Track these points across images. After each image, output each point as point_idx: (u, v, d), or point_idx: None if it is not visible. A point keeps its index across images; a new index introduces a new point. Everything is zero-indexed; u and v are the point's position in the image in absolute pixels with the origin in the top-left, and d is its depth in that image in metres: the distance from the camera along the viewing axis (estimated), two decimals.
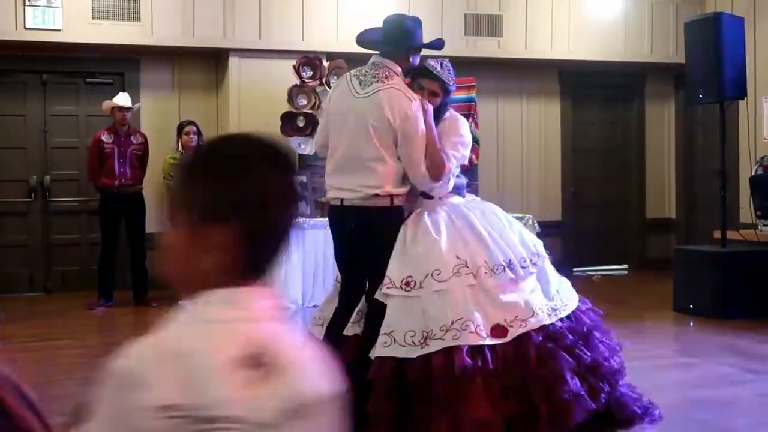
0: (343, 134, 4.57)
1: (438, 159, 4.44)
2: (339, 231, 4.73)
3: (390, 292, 4.30)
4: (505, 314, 4.22)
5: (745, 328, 7.55)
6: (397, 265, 4.36)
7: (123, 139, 9.10)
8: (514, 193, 11.43)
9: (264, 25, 10.06)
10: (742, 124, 10.30)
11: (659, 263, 11.44)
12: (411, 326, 4.19)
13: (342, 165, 4.59)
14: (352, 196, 4.55)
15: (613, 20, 11.22)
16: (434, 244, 4.35)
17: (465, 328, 4.10)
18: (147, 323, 6.74)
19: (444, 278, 4.23)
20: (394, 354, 4.16)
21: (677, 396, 5.57)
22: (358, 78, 4.58)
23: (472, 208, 4.58)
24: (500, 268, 4.33)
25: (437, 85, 4.60)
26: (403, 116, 4.39)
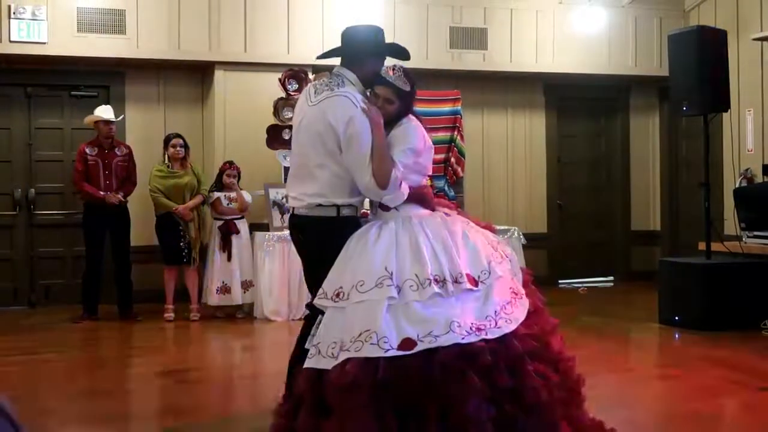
0: (296, 143, 4.61)
1: (384, 166, 4.33)
2: (293, 241, 4.80)
3: (321, 303, 4.25)
4: (418, 329, 4.04)
5: (730, 339, 7.57)
6: (332, 276, 4.30)
7: (107, 152, 9.08)
8: (499, 205, 11.46)
9: (249, 38, 10.08)
10: (726, 136, 10.36)
11: (644, 275, 11.49)
12: (334, 338, 4.11)
13: (294, 174, 4.64)
14: (298, 205, 4.56)
15: (597, 33, 11.28)
16: (367, 255, 4.26)
17: (368, 339, 3.99)
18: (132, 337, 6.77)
19: (365, 289, 4.14)
20: (315, 365, 4.09)
21: (662, 408, 5.58)
22: (315, 87, 4.60)
23: (427, 222, 4.43)
24: (427, 282, 4.16)
25: (390, 91, 4.49)
26: (346, 121, 4.34)
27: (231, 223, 9.25)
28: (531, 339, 4.23)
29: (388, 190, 4.35)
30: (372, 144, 4.35)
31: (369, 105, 4.45)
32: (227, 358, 7.79)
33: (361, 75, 4.55)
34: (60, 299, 9.90)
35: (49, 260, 10.09)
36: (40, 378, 6.44)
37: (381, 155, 4.36)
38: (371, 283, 4.16)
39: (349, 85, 4.51)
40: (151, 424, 5.35)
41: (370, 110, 4.40)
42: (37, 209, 10.03)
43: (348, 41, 4.64)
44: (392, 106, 4.51)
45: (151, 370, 6.81)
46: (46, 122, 10.09)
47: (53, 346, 7.75)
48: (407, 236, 4.34)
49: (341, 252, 4.37)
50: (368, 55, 4.59)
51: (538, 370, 4.16)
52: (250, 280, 9.26)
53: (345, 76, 4.54)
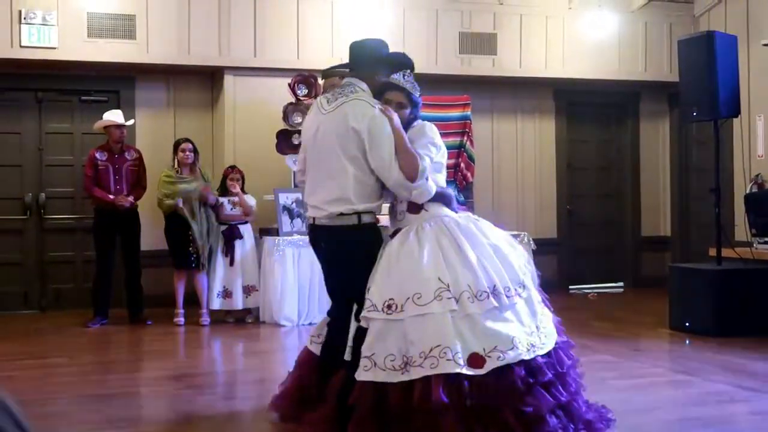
0: (313, 153, 4.65)
1: (410, 158, 4.40)
2: (314, 249, 4.85)
3: (371, 316, 4.24)
4: (484, 343, 4.10)
5: (740, 345, 7.54)
6: (379, 288, 4.29)
7: (117, 157, 9.10)
8: (509, 210, 11.44)
9: (259, 43, 10.09)
10: (737, 142, 10.33)
11: (654, 281, 11.46)
12: (391, 350, 4.13)
13: (312, 182, 4.67)
14: (319, 215, 4.60)
15: (607, 39, 11.27)
16: (417, 265, 4.26)
17: (443, 355, 4.02)
18: (142, 341, 6.80)
19: (425, 302, 4.14)
20: (373, 378, 4.12)
21: (672, 414, 5.55)
22: (327, 98, 4.70)
23: (461, 227, 4.47)
24: (484, 295, 4.21)
25: (402, 95, 4.61)
26: (368, 121, 4.43)
27: (234, 227, 9.25)
28: (570, 348, 4.41)
29: (417, 182, 4.41)
30: (395, 140, 4.40)
31: (385, 106, 4.52)
32: (236, 363, 7.79)
33: (371, 85, 4.66)
34: (70, 303, 9.92)
35: (60, 264, 10.11)
36: (50, 382, 6.45)
37: (405, 149, 4.43)
38: (429, 295, 4.16)
39: (361, 92, 4.58)
40: (161, 428, 5.35)
41: (386, 109, 4.47)
42: (48, 214, 10.06)
43: (356, 54, 4.76)
44: (404, 111, 4.59)
45: (160, 375, 6.81)
46: (57, 127, 10.12)
47: (63, 350, 7.76)
48: (448, 242, 4.36)
49: (381, 261, 4.41)
50: (376, 66, 4.71)
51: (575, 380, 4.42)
52: (253, 285, 9.26)
53: (357, 85, 4.65)
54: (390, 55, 4.87)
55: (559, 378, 4.30)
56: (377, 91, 4.66)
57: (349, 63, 4.83)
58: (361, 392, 4.16)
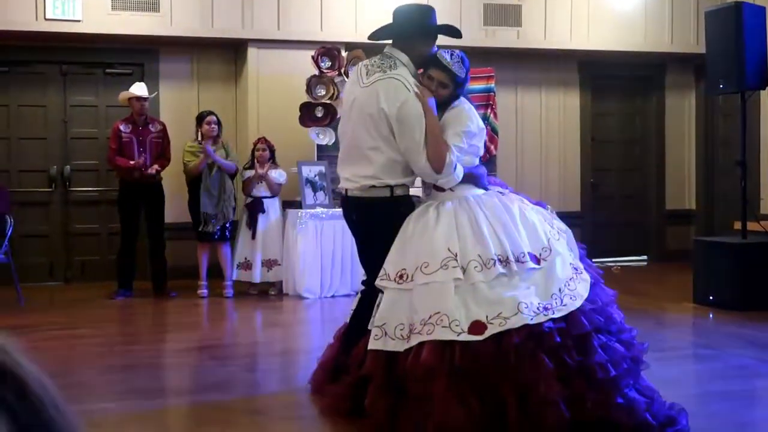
0: (348, 123, 4.62)
1: (438, 150, 4.36)
2: (347, 221, 4.84)
3: (384, 284, 4.28)
4: (487, 310, 4.08)
5: (764, 319, 7.50)
6: (394, 258, 4.34)
7: (141, 129, 9.12)
8: (532, 183, 11.38)
9: (283, 15, 10.06)
10: (764, 114, 10.22)
11: (679, 254, 11.39)
12: (401, 319, 4.16)
13: (346, 154, 4.66)
14: (352, 186, 4.60)
15: (633, 10, 11.15)
16: (429, 236, 4.29)
17: (440, 322, 4.02)
18: (166, 313, 6.86)
19: (431, 271, 4.17)
20: (383, 347, 4.15)
21: (696, 388, 5.55)
22: (367, 67, 4.59)
23: (484, 201, 4.45)
24: (491, 263, 4.20)
25: (446, 75, 4.49)
26: (399, 105, 4.36)
27: (258, 201, 9.25)
28: (596, 314, 4.27)
29: (444, 173, 4.39)
30: (425, 128, 4.35)
31: (422, 89, 4.44)
32: (259, 335, 7.84)
33: (413, 56, 4.55)
34: (95, 275, 10.00)
35: (85, 237, 10.19)
36: (75, 353, 6.52)
37: (435, 139, 4.39)
38: (436, 264, 4.18)
39: (401, 67, 4.49)
40: (185, 399, 5.41)
41: (422, 93, 4.40)
42: (73, 186, 10.12)
43: (399, 21, 4.62)
44: (446, 90, 4.52)
45: (184, 346, 6.87)
46: (81, 100, 10.16)
47: (88, 321, 7.83)
48: (466, 216, 4.37)
49: (399, 232, 4.42)
50: (420, 36, 4.58)
51: (604, 345, 4.22)
52: (275, 259, 9.27)
53: (397, 58, 4.52)
54: (437, 26, 4.71)
55: (578, 342, 4.12)
56: (421, 64, 4.56)
57: (392, 30, 4.66)
58: (374, 362, 4.19)
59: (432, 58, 4.56)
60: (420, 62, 4.55)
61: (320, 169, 9.47)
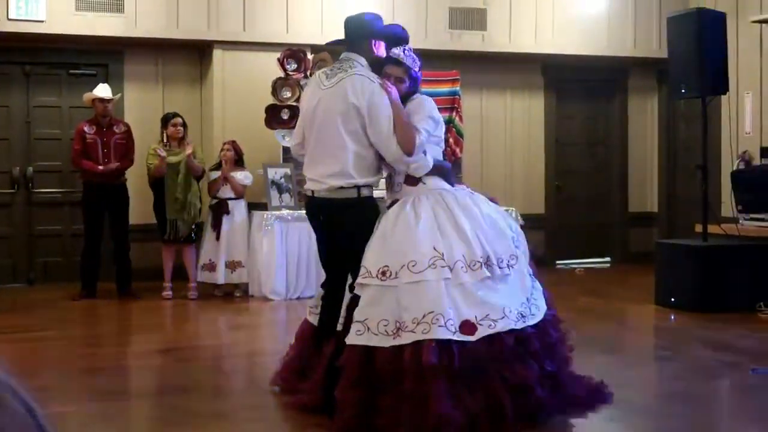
0: (312, 128, 4.68)
1: (407, 132, 4.47)
2: (312, 223, 4.90)
3: (365, 282, 4.32)
4: (476, 311, 4.21)
5: (725, 321, 7.60)
6: (374, 255, 4.38)
7: (105, 130, 9.07)
8: (497, 186, 11.44)
9: (248, 17, 10.05)
10: (725, 118, 10.36)
11: (641, 257, 11.51)
12: (384, 315, 4.21)
13: (311, 156, 4.72)
14: (318, 188, 4.66)
15: (596, 14, 11.26)
16: (412, 234, 4.34)
17: (435, 321, 4.10)
18: (131, 315, 6.80)
19: (419, 269, 4.23)
20: (366, 342, 4.20)
21: (656, 389, 5.62)
22: (326, 73, 4.74)
23: (458, 199, 4.56)
24: (477, 265, 4.31)
25: (401, 70, 4.67)
26: (368, 96, 4.51)
27: (223, 202, 9.23)
28: (558, 321, 4.55)
29: (415, 156, 4.49)
30: (393, 114, 4.47)
31: (384, 81, 4.57)
32: (224, 337, 7.82)
33: (368, 59, 4.72)
34: (58, 277, 9.92)
35: (48, 238, 10.11)
36: (38, 355, 6.47)
37: (403, 123, 4.50)
38: (424, 263, 4.25)
39: (360, 67, 4.64)
40: (149, 401, 5.39)
41: (385, 84, 4.52)
42: (36, 187, 10.04)
43: (352, 29, 4.80)
44: (403, 85, 4.67)
45: (148, 348, 6.85)
46: (45, 100, 10.08)
47: (52, 323, 7.77)
48: (444, 214, 4.45)
49: (377, 231, 4.48)
50: (372, 40, 4.75)
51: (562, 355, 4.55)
52: (238, 260, 9.24)
53: (355, 60, 4.71)
54: (386, 29, 4.93)
55: (547, 349, 4.40)
56: (376, 65, 4.70)
57: (346, 37, 4.85)
58: (350, 356, 4.23)
59: (387, 57, 4.77)
60: (376, 65, 4.70)
61: (286, 171, 9.47)
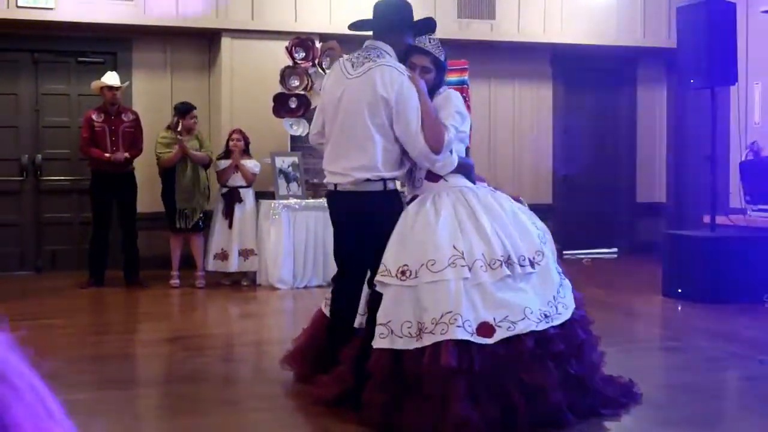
0: (336, 118, 4.54)
1: (436, 129, 4.37)
2: (334, 217, 4.74)
3: (385, 281, 4.22)
4: (495, 312, 4.09)
5: (732, 312, 7.59)
6: (394, 253, 4.28)
7: (113, 118, 9.08)
8: (505, 175, 11.44)
9: (257, 5, 10.04)
10: (733, 109, 10.34)
11: (649, 247, 11.49)
12: (407, 317, 4.12)
13: (335, 149, 4.56)
14: (343, 181, 4.51)
15: (605, 4, 11.22)
16: (432, 232, 4.24)
17: (453, 321, 3.99)
18: (138, 303, 6.80)
19: (438, 269, 4.13)
20: (391, 346, 4.10)
21: (663, 380, 5.62)
22: (351, 61, 4.58)
23: (479, 197, 4.46)
24: (497, 263, 4.20)
25: (428, 59, 4.57)
26: (397, 89, 4.36)
27: (235, 191, 9.25)
28: (588, 323, 4.44)
29: (442, 154, 4.40)
30: (421, 109, 4.39)
31: (413, 74, 4.48)
32: (231, 325, 7.84)
33: (396, 48, 4.57)
34: (66, 265, 9.96)
35: (56, 226, 10.14)
36: (46, 343, 6.49)
37: (431, 119, 4.41)
38: (443, 262, 4.15)
39: (388, 56, 4.51)
40: (157, 389, 5.41)
41: (415, 78, 4.44)
42: (44, 175, 10.06)
43: (382, 15, 4.65)
44: (429, 75, 4.57)
45: (156, 337, 6.87)
46: (53, 88, 10.10)
47: (59, 311, 7.80)
48: (464, 212, 4.35)
49: (397, 227, 4.38)
50: (402, 29, 4.62)
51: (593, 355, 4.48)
52: (251, 248, 9.27)
53: (383, 49, 4.54)
54: (412, 19, 4.77)
55: (574, 351, 4.28)
56: (402, 54, 4.59)
57: (374, 23, 4.68)
58: (378, 359, 4.14)
59: (413, 46, 4.64)
60: (401, 55, 4.58)
61: (293, 160, 9.47)
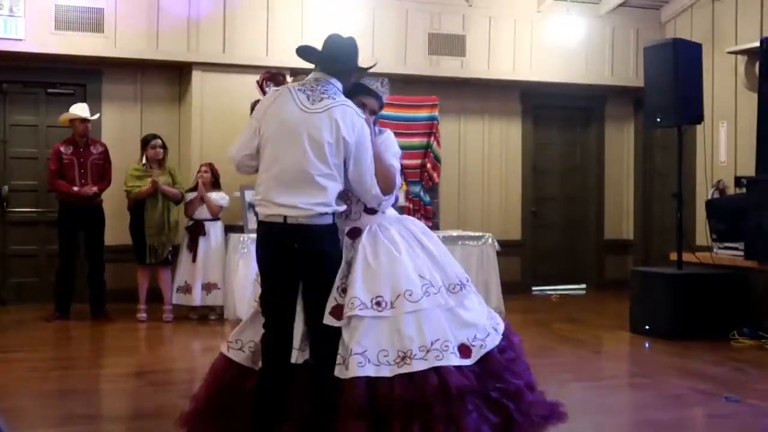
0: (289, 148, 4.33)
1: (389, 174, 4.44)
2: (277, 250, 4.39)
3: (362, 313, 4.21)
4: (467, 333, 4.30)
5: (699, 349, 7.64)
6: (363, 285, 4.28)
7: (82, 150, 9.04)
8: (474, 211, 11.51)
9: (228, 39, 10.07)
10: (699, 148, 10.46)
11: (617, 284, 11.57)
12: (383, 346, 4.18)
13: (285, 180, 4.33)
14: (296, 214, 4.29)
15: (574, 43, 11.34)
16: (399, 263, 4.33)
17: (445, 348, 4.17)
18: (104, 337, 6.70)
19: (416, 299, 4.25)
20: (368, 373, 4.13)
21: (630, 417, 5.63)
22: (304, 93, 4.41)
23: (416, 225, 4.64)
24: (457, 288, 4.41)
25: (377, 103, 4.63)
26: (358, 133, 4.30)
27: (200, 224, 9.22)
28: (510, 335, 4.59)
29: (391, 195, 4.50)
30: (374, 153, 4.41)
31: (367, 115, 4.50)
32: (198, 360, 7.76)
33: (344, 86, 4.52)
34: (32, 297, 9.84)
35: (22, 258, 10.03)
36: (9, 377, 6.41)
37: (384, 164, 4.45)
38: (419, 292, 4.28)
39: (341, 95, 4.43)
40: (122, 425, 5.35)
41: (369, 121, 4.48)
42: (11, 206, 9.97)
43: (338, 51, 4.51)
44: (373, 117, 4.60)
45: (121, 371, 6.79)
46: (22, 119, 10.03)
47: (24, 344, 7.71)
48: (412, 240, 4.49)
49: (357, 260, 4.38)
50: (353, 69, 4.57)
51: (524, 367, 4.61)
52: (214, 282, 9.22)
53: (336, 86, 4.45)
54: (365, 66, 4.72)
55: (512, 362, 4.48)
56: (346, 93, 4.58)
57: (328, 59, 4.51)
58: (353, 388, 4.12)
59: (361, 86, 4.67)
60: (345, 93, 4.52)
61: None
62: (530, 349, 7.75)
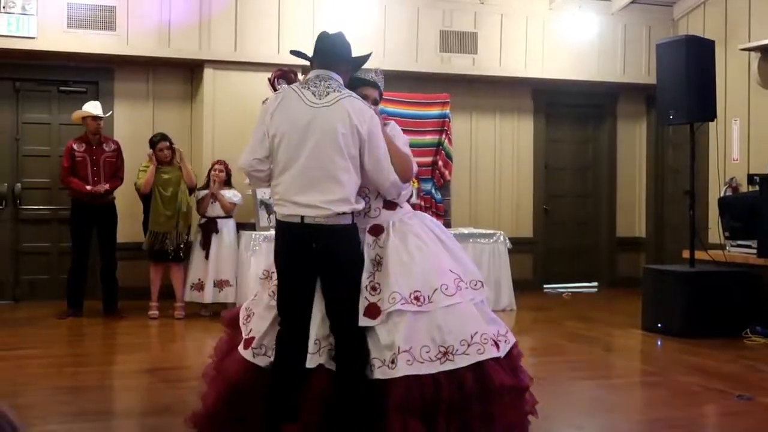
0: (303, 146, 4.30)
1: (404, 161, 4.45)
2: (295, 250, 4.35)
3: (405, 308, 4.20)
4: (494, 328, 4.35)
5: (711, 347, 7.62)
6: (402, 280, 4.26)
7: (95, 148, 9.07)
8: (486, 209, 11.49)
9: (239, 37, 10.09)
10: (712, 145, 10.43)
11: (629, 282, 11.55)
12: (424, 341, 4.17)
13: (302, 179, 4.30)
14: (314, 214, 4.25)
15: (586, 40, 11.32)
16: (431, 256, 4.36)
17: (485, 341, 4.21)
18: (116, 334, 6.71)
19: (451, 292, 4.28)
20: (416, 371, 4.10)
21: (642, 415, 5.62)
22: (309, 89, 4.40)
23: (434, 221, 4.69)
24: (479, 284, 4.45)
25: (377, 93, 4.67)
26: (368, 121, 4.29)
27: (212, 221, 9.25)
28: None
29: (408, 183, 4.51)
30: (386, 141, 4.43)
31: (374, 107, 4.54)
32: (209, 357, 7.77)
33: (343, 80, 4.54)
34: (45, 295, 9.88)
35: (35, 255, 10.08)
36: (22, 374, 6.44)
37: (397, 152, 4.45)
38: (453, 286, 4.31)
39: (345, 88, 4.41)
40: (134, 421, 5.36)
41: (376, 111, 4.49)
42: (24, 204, 10.01)
43: (332, 47, 4.52)
44: (375, 107, 4.60)
45: (134, 368, 6.81)
46: (34, 117, 10.08)
47: (37, 341, 7.74)
48: (434, 235, 4.51)
49: (389, 256, 4.34)
50: (348, 63, 4.58)
51: None
52: (226, 279, 9.25)
53: (338, 81, 4.46)
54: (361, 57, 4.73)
55: None
56: (347, 86, 4.52)
57: (324, 55, 4.52)
58: (402, 387, 4.10)
59: (359, 78, 4.65)
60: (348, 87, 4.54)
61: (267, 192, 9.45)
62: (542, 347, 7.80)
